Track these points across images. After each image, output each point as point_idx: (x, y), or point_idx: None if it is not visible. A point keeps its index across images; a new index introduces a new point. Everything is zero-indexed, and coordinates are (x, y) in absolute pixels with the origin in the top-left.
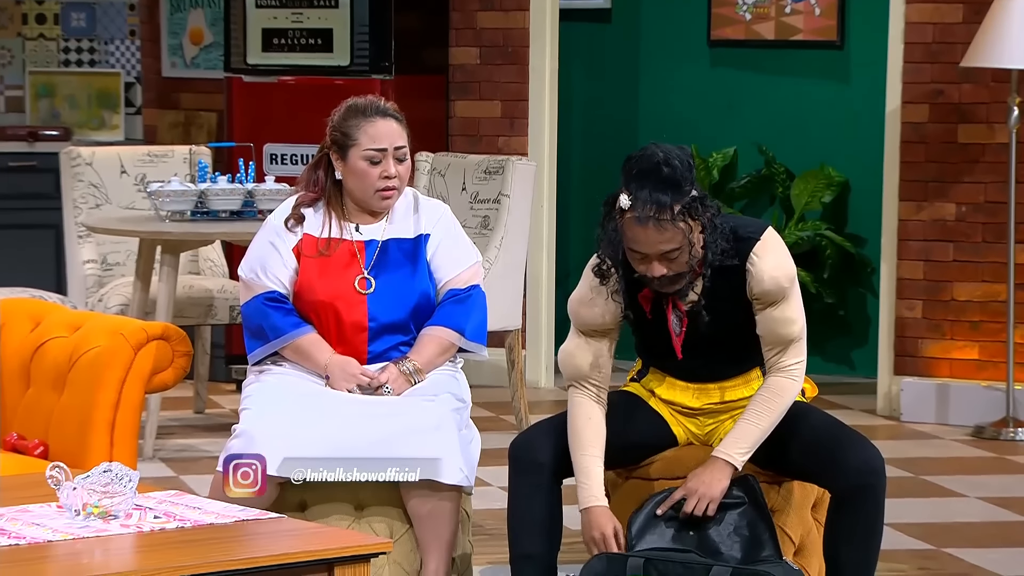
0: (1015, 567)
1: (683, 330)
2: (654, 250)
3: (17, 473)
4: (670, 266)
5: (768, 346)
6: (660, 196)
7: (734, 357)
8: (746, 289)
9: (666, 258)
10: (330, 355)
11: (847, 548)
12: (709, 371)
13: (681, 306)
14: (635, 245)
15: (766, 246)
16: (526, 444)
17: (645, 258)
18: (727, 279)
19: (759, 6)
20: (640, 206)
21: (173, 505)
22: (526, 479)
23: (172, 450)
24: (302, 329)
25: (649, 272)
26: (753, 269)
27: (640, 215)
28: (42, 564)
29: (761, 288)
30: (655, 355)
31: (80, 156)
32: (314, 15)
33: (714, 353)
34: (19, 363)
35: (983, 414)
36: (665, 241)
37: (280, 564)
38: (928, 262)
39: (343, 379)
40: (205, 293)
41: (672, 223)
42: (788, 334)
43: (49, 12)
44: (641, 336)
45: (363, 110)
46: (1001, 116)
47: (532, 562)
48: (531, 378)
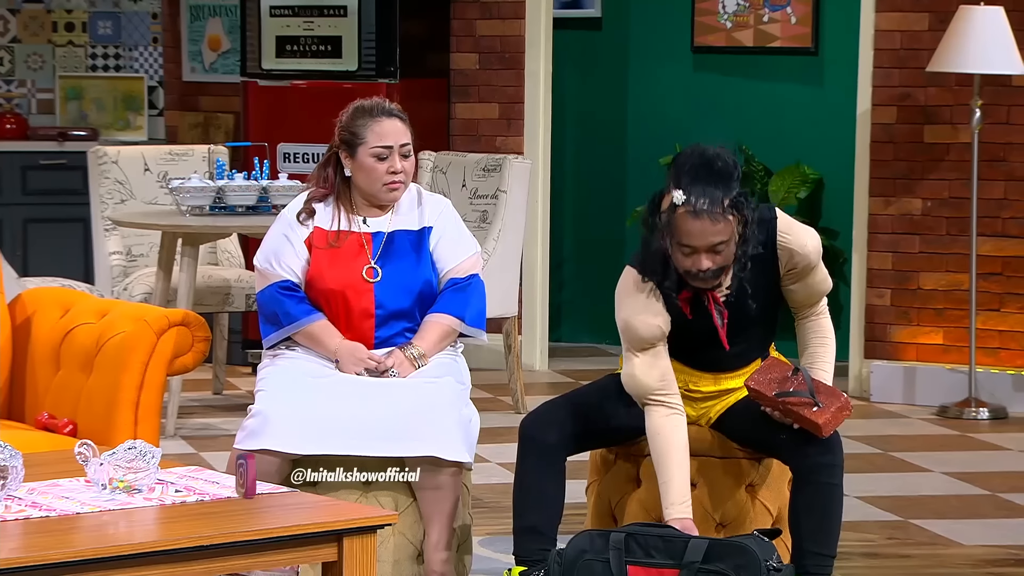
0: (976, 536)
1: (725, 321)
2: (705, 243)
3: (48, 450)
4: (715, 259)
5: (808, 307)
6: (713, 190)
7: (761, 341)
8: (778, 267)
9: (714, 251)
10: (340, 340)
11: (808, 522)
12: (741, 359)
13: (718, 298)
14: (687, 238)
15: (786, 222)
16: (536, 424)
17: (693, 252)
18: (756, 264)
19: (739, 15)
20: (695, 199)
21: (193, 480)
22: (535, 458)
23: (192, 428)
24: (314, 316)
25: (695, 266)
26: (788, 245)
27: (695, 208)
28: (71, 534)
29: (804, 256)
30: (691, 354)
31: (106, 155)
32: (324, 23)
33: (749, 338)
34: (50, 347)
35: (947, 395)
36: (717, 233)
37: (293, 535)
38: (896, 253)
39: (352, 363)
40: (223, 282)
41: (724, 216)
42: (825, 289)
43: (77, 20)
44: (679, 339)
45: (370, 111)
46: (964, 118)
47: (536, 533)
48: (527, 361)
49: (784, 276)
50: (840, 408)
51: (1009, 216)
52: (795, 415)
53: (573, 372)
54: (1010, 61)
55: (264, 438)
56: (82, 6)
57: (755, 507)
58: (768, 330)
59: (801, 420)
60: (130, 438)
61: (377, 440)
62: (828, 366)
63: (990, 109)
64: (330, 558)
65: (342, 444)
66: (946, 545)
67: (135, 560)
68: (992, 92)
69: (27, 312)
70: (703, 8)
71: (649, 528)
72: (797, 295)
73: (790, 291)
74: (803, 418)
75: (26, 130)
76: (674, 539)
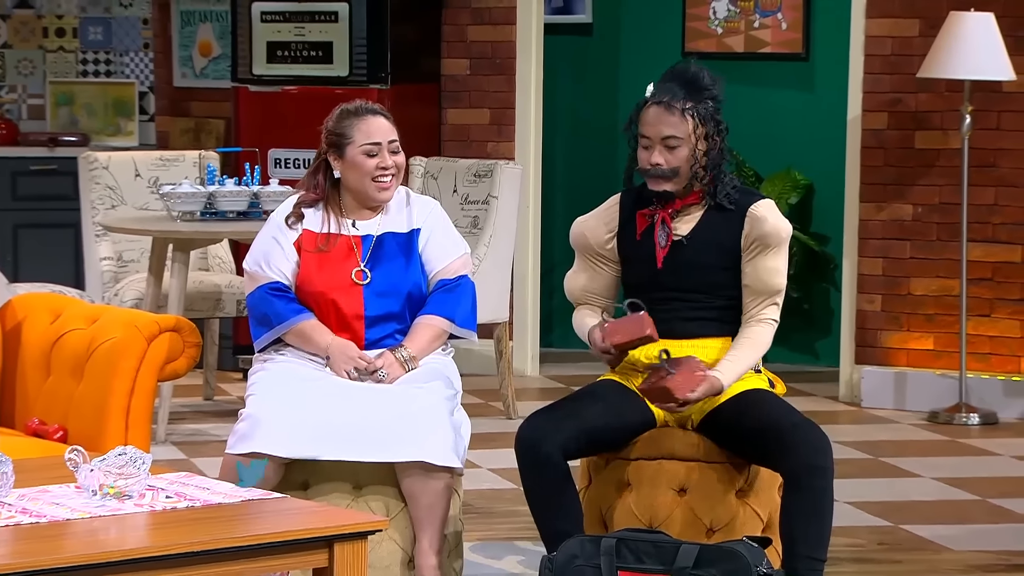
0: (967, 542)
1: (668, 244)
2: (657, 132)
3: (38, 456)
4: (668, 157)
5: (752, 296)
6: (679, 90)
7: (708, 305)
8: (742, 237)
9: (666, 146)
10: (331, 338)
11: (800, 525)
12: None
13: (671, 224)
14: (644, 128)
15: (768, 203)
16: (531, 437)
17: (649, 145)
18: (723, 220)
19: (730, 21)
20: (659, 93)
21: (184, 486)
22: (537, 471)
23: (183, 434)
24: (304, 315)
25: (650, 160)
26: (755, 212)
27: (655, 100)
28: (61, 540)
29: (761, 230)
30: (635, 287)
31: (97, 160)
32: (315, 29)
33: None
34: (40, 353)
35: (937, 400)
36: (670, 125)
37: (283, 541)
38: (887, 259)
39: (342, 361)
40: (214, 288)
41: (681, 113)
42: (775, 284)
43: (68, 26)
44: (625, 270)
45: (355, 111)
46: (955, 123)
47: (566, 535)
48: (518, 367)
49: (744, 249)
50: (692, 368)
51: (999, 222)
52: (653, 391)
53: (564, 377)
54: (1000, 67)
55: (255, 441)
56: (73, 12)
57: (745, 513)
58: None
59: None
60: (121, 444)
61: (368, 445)
62: (738, 364)
63: (980, 115)
64: (321, 564)
65: (333, 448)
66: (936, 550)
67: (125, 566)
68: (982, 98)
69: (17, 318)
70: (694, 14)
71: (640, 534)
72: (747, 279)
73: (743, 275)
74: (657, 388)
75: (17, 136)
76: (665, 545)
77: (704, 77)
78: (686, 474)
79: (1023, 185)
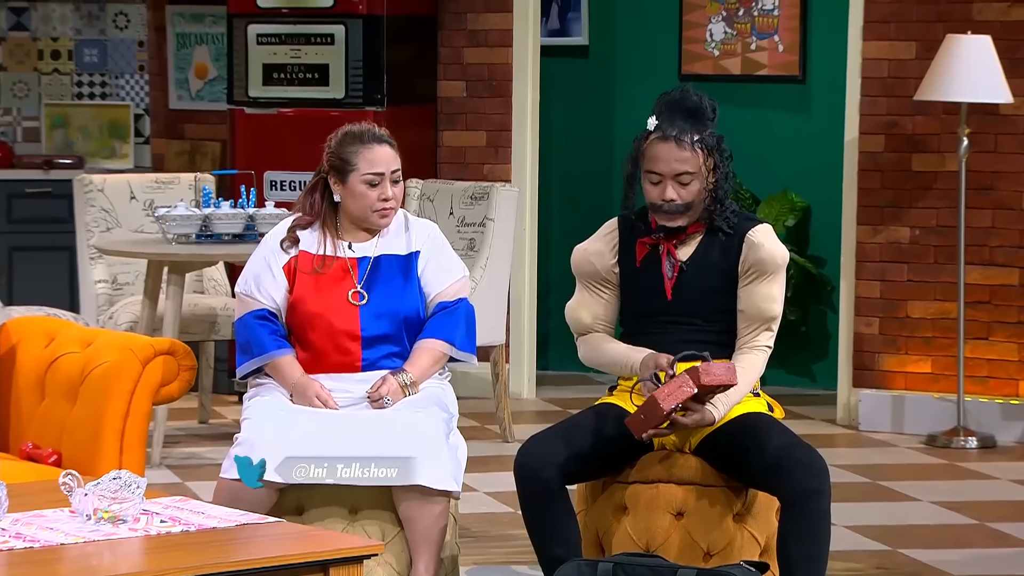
0: (965, 567)
1: (675, 275)
2: (671, 169)
3: (32, 480)
4: (681, 193)
5: (746, 323)
6: (683, 123)
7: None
8: (739, 262)
9: (679, 182)
10: (297, 377)
11: (797, 549)
12: (680, 348)
13: (676, 254)
14: (654, 164)
15: (766, 229)
16: (530, 463)
17: (661, 181)
18: (722, 244)
19: (726, 43)
20: (666, 126)
21: (178, 510)
22: (536, 496)
23: (178, 458)
24: (281, 350)
25: (662, 196)
26: (752, 239)
27: (664, 134)
28: (55, 566)
29: (757, 256)
30: (640, 314)
31: (92, 183)
32: (311, 51)
33: (692, 309)
34: (35, 376)
35: (935, 424)
36: (683, 161)
37: (278, 565)
38: (884, 281)
39: (303, 400)
40: (209, 311)
41: (691, 147)
42: (768, 311)
43: (63, 48)
44: (629, 296)
45: (360, 136)
46: (951, 146)
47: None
48: (514, 390)
49: (741, 275)
50: (680, 384)
51: (997, 244)
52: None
53: (561, 400)
54: (997, 90)
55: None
56: (68, 34)
57: (743, 537)
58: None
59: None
60: (115, 468)
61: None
62: (731, 394)
63: (977, 137)
64: None
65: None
66: (934, 575)
67: None
68: (979, 120)
69: (11, 341)
70: (690, 36)
71: (637, 558)
72: (742, 304)
73: (739, 300)
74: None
75: (11, 158)
76: (662, 569)
77: (705, 105)
78: (683, 498)
79: (1020, 208)
